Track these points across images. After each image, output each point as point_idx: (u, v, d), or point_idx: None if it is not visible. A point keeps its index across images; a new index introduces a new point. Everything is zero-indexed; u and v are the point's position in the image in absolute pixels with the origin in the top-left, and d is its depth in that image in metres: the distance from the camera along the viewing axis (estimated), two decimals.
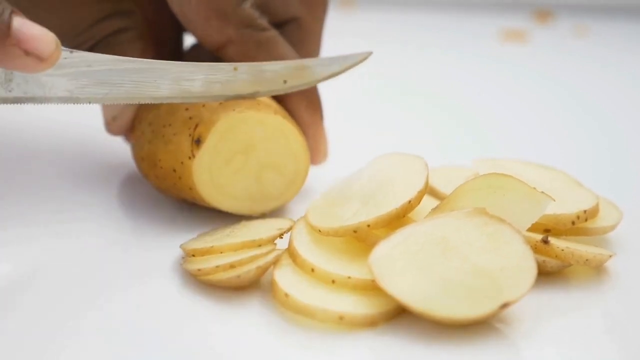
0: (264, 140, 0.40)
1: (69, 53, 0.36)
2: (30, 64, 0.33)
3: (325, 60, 0.41)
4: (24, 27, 0.33)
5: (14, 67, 0.33)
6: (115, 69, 0.37)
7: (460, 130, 0.65)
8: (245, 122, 0.39)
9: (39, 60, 0.33)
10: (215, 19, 0.40)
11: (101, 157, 0.51)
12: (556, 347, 0.31)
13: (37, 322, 0.32)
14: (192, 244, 0.36)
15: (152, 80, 0.38)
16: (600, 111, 0.72)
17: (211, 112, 0.39)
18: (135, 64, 0.38)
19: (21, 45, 0.33)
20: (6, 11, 0.33)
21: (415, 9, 1.31)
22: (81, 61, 0.36)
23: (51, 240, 0.39)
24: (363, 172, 0.41)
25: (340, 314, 0.31)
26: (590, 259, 0.35)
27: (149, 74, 0.38)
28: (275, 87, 0.40)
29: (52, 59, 0.33)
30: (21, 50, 0.33)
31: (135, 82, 0.38)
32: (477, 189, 0.36)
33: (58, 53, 0.34)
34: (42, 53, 0.33)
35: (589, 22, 1.22)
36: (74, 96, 0.37)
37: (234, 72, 0.39)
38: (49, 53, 0.33)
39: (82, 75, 0.36)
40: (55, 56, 0.34)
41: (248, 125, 0.40)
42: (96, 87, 0.37)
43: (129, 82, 0.38)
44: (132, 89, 0.38)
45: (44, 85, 0.36)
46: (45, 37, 0.33)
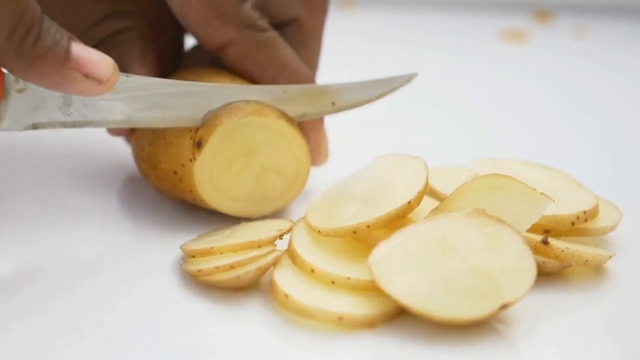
0: (266, 144, 0.40)
1: (125, 77, 0.37)
2: (90, 88, 0.34)
3: (371, 82, 0.43)
4: (84, 51, 0.34)
5: (74, 91, 0.34)
6: (169, 93, 0.38)
7: (460, 130, 0.65)
8: (248, 127, 0.39)
9: (98, 83, 0.34)
10: (215, 20, 0.40)
11: (102, 158, 0.51)
12: (556, 348, 0.31)
13: (37, 323, 0.32)
14: (192, 244, 0.36)
15: (206, 103, 0.39)
16: (600, 111, 0.72)
17: (213, 116, 0.39)
18: (189, 87, 0.39)
19: (81, 69, 0.34)
20: (65, 37, 0.34)
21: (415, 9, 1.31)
22: (136, 85, 0.38)
23: (51, 240, 0.39)
24: (363, 172, 0.41)
25: (339, 315, 0.31)
26: (590, 260, 0.35)
27: (202, 97, 0.39)
28: (324, 109, 0.42)
29: (110, 82, 0.34)
30: (81, 74, 0.34)
31: (189, 105, 0.39)
32: (477, 190, 0.36)
33: (116, 76, 0.35)
34: (101, 76, 0.34)
35: (589, 22, 1.22)
36: (130, 120, 0.38)
37: (283, 94, 0.41)
38: (107, 76, 0.34)
39: (137, 99, 0.38)
40: (114, 79, 0.35)
41: (250, 130, 0.40)
42: (151, 110, 0.38)
43: (183, 105, 0.39)
44: (186, 113, 0.39)
45: (101, 109, 0.37)
46: (104, 61, 0.34)
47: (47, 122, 0.36)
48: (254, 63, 0.42)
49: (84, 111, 0.37)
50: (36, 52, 0.33)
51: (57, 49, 0.33)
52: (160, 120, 0.39)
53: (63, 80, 0.34)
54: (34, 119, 0.36)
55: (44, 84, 0.34)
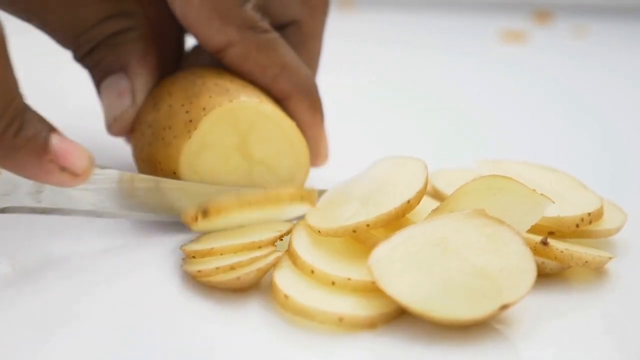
0: (264, 139, 0.40)
1: (101, 170, 0.37)
2: (65, 180, 0.34)
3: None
4: (62, 143, 0.34)
5: (49, 182, 0.34)
6: (141, 187, 0.39)
7: (460, 131, 0.65)
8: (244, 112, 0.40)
9: (73, 176, 0.34)
10: (216, 21, 0.41)
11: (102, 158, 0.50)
12: (556, 349, 0.31)
13: (37, 323, 0.32)
14: (193, 245, 0.36)
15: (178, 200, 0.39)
16: (601, 112, 0.72)
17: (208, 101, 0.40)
18: (160, 183, 0.39)
19: (58, 161, 0.34)
20: (45, 129, 0.34)
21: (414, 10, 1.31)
22: (106, 178, 0.38)
23: (51, 240, 0.39)
24: (363, 174, 0.41)
25: (340, 316, 0.31)
26: (590, 261, 0.35)
27: (172, 193, 0.39)
28: None
29: (85, 175, 0.34)
30: (57, 166, 0.34)
31: (161, 201, 0.39)
32: (477, 191, 0.36)
33: (91, 169, 0.35)
34: (77, 169, 0.34)
35: (589, 23, 1.22)
36: (97, 210, 0.38)
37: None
38: (83, 169, 0.34)
39: (109, 191, 0.38)
40: (88, 172, 0.35)
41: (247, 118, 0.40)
42: (118, 204, 0.39)
43: (153, 202, 0.39)
44: (157, 207, 0.39)
45: (71, 198, 0.37)
46: (81, 153, 0.34)
47: (16, 207, 0.36)
48: (255, 64, 0.42)
49: (54, 199, 0.37)
50: (17, 142, 0.33)
51: (37, 140, 0.33)
52: (127, 214, 0.39)
53: (39, 171, 0.34)
54: (4, 203, 0.36)
55: (21, 174, 0.34)
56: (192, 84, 0.41)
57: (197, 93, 0.40)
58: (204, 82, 0.41)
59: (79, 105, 0.59)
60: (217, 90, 0.40)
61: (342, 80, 0.42)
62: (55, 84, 0.68)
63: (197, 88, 0.41)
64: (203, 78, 0.42)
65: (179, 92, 0.41)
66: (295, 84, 0.43)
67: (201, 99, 0.40)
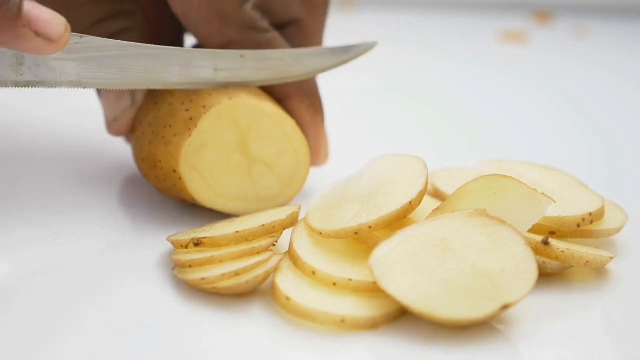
0: (264, 137, 0.40)
1: (79, 38, 0.37)
2: (41, 46, 0.34)
3: (329, 49, 0.43)
4: (35, 9, 0.34)
5: (25, 49, 0.34)
6: (124, 55, 0.38)
7: (461, 131, 0.65)
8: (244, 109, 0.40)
9: (49, 42, 0.34)
10: (216, 20, 0.41)
11: (102, 158, 0.51)
12: (556, 349, 0.31)
13: (37, 324, 0.32)
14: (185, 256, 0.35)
15: (161, 66, 0.39)
16: (601, 112, 0.73)
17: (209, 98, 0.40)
18: (144, 49, 0.38)
19: (32, 26, 0.33)
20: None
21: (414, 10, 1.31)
22: (91, 46, 0.37)
23: (51, 241, 0.39)
24: (362, 173, 0.41)
25: (341, 317, 0.31)
26: (591, 261, 0.35)
27: (158, 60, 0.39)
28: (281, 75, 0.42)
29: (62, 41, 0.34)
30: (32, 32, 0.33)
31: (144, 68, 0.39)
32: (478, 191, 0.36)
33: (67, 36, 0.35)
34: (52, 35, 0.34)
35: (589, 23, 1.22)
36: (83, 80, 0.38)
37: (241, 59, 0.40)
38: (58, 35, 0.34)
39: (91, 60, 0.37)
40: (65, 38, 0.34)
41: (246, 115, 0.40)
42: (105, 72, 0.38)
43: (138, 68, 0.38)
44: (140, 75, 0.39)
45: (54, 69, 0.37)
46: (55, 19, 0.34)
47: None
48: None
49: (37, 71, 0.36)
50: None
51: (9, 5, 0.33)
52: (113, 82, 0.38)
53: (13, 37, 0.34)
54: None
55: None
56: None
57: (197, 91, 0.40)
58: None
59: (79, 105, 0.59)
60: (218, 88, 0.40)
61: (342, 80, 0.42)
62: None
63: None
64: None
65: (179, 91, 0.41)
66: (295, 84, 0.43)
67: (201, 97, 0.40)
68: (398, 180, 0.38)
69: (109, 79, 0.38)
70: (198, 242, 0.35)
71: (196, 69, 0.40)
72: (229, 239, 0.35)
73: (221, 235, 0.35)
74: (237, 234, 0.35)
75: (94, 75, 0.38)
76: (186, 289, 0.34)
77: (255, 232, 0.35)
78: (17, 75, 0.36)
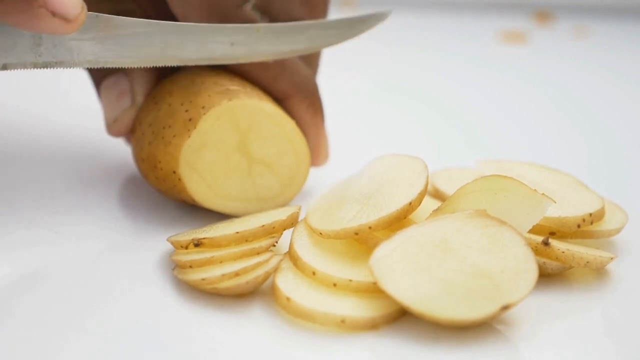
0: (263, 139, 0.40)
1: (95, 17, 0.37)
2: (57, 26, 0.34)
3: (343, 20, 0.43)
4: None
5: (41, 29, 0.34)
6: (140, 32, 0.38)
7: (461, 131, 0.65)
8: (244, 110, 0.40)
9: (65, 21, 0.34)
10: (215, 21, 0.40)
11: (102, 159, 0.51)
12: (556, 350, 0.31)
13: (37, 325, 0.32)
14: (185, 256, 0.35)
15: (177, 43, 0.39)
16: (602, 112, 0.72)
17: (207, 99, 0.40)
18: (160, 27, 0.38)
19: (48, 6, 0.33)
20: None
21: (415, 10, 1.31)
22: (107, 25, 0.37)
23: (51, 241, 0.39)
24: (362, 173, 0.41)
25: (342, 317, 0.31)
26: (591, 261, 0.35)
27: (174, 36, 0.39)
28: (298, 47, 0.42)
29: (78, 21, 0.34)
30: (48, 12, 0.33)
31: (160, 45, 0.39)
32: (478, 191, 0.36)
33: (84, 15, 0.35)
34: (69, 14, 0.34)
35: (589, 23, 1.22)
36: (100, 60, 0.38)
37: (256, 33, 0.40)
38: (75, 15, 0.34)
39: (107, 38, 0.37)
40: (81, 18, 0.34)
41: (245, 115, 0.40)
42: (122, 50, 0.38)
43: (154, 45, 0.38)
44: (157, 52, 0.39)
45: (71, 49, 0.37)
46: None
47: (16, 63, 0.36)
48: (255, 64, 0.42)
49: (54, 51, 0.37)
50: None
51: None
52: (131, 60, 0.38)
53: (29, 17, 0.34)
54: (3, 59, 0.36)
55: (11, 22, 0.34)
56: (192, 83, 0.41)
57: (196, 92, 0.40)
58: (203, 82, 0.41)
59: (79, 105, 0.59)
60: (217, 89, 0.40)
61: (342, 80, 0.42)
62: (55, 84, 0.68)
63: (197, 87, 0.41)
64: (202, 77, 0.42)
65: (179, 92, 0.41)
66: (295, 84, 0.43)
67: (200, 98, 0.40)
68: (398, 180, 0.38)
69: (125, 57, 0.38)
70: (198, 242, 0.35)
71: (212, 44, 0.40)
72: (229, 240, 0.35)
73: (221, 236, 0.35)
74: (237, 235, 0.35)
75: (111, 54, 0.38)
76: (186, 290, 0.34)
77: (255, 233, 0.35)
78: (36, 56, 0.36)
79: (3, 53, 0.35)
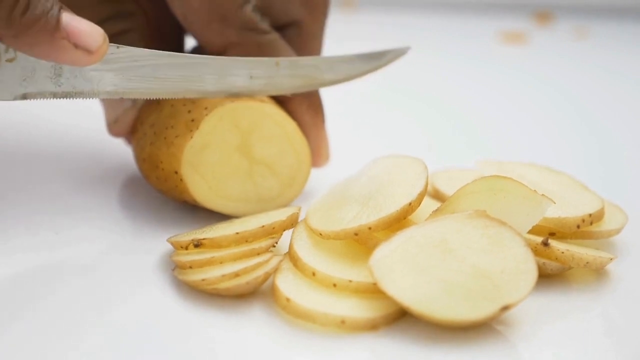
0: (265, 140, 0.40)
1: (116, 48, 0.37)
2: (79, 58, 0.34)
3: (362, 55, 0.43)
4: (73, 21, 0.34)
5: (63, 61, 0.34)
6: (160, 64, 0.38)
7: (461, 132, 0.65)
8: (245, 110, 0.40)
9: (87, 53, 0.34)
10: (216, 22, 0.41)
11: (102, 159, 0.51)
12: (556, 350, 0.32)
13: (37, 325, 0.32)
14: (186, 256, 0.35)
15: (197, 75, 0.39)
16: (602, 113, 0.72)
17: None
18: (180, 59, 0.39)
19: (70, 38, 0.34)
20: (55, 6, 0.34)
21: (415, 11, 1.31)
22: (127, 56, 0.37)
23: (52, 241, 0.39)
24: (361, 174, 0.41)
25: (341, 318, 0.31)
26: (591, 262, 0.35)
27: (193, 68, 0.39)
28: (315, 82, 0.42)
29: (100, 53, 0.35)
30: (70, 44, 0.34)
31: (180, 77, 0.39)
32: (478, 192, 0.36)
33: (105, 47, 0.35)
34: (91, 46, 0.34)
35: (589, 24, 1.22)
36: (119, 90, 0.38)
37: (275, 67, 0.40)
38: (97, 46, 0.34)
39: (128, 70, 0.37)
40: (103, 50, 0.35)
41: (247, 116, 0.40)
42: (142, 82, 0.38)
43: (174, 77, 0.39)
44: (177, 84, 0.39)
45: (91, 79, 0.37)
46: (94, 31, 0.34)
47: (36, 92, 0.36)
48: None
49: (74, 82, 0.37)
50: (25, 21, 0.33)
51: (47, 18, 0.33)
52: (150, 92, 0.38)
53: (52, 49, 0.34)
54: (23, 89, 0.36)
55: (34, 54, 0.34)
56: None
57: None
58: None
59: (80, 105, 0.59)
60: None
61: None
62: None
63: None
64: None
65: None
66: None
67: (203, 99, 0.40)
68: (398, 181, 0.38)
69: (145, 89, 0.38)
70: (198, 243, 0.35)
71: (231, 77, 0.40)
72: (229, 240, 0.35)
73: (221, 236, 0.35)
74: (237, 235, 0.35)
75: (130, 85, 0.38)
76: (186, 290, 0.34)
77: (255, 233, 0.36)
78: (56, 86, 0.36)
79: (23, 82, 0.36)
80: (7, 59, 0.35)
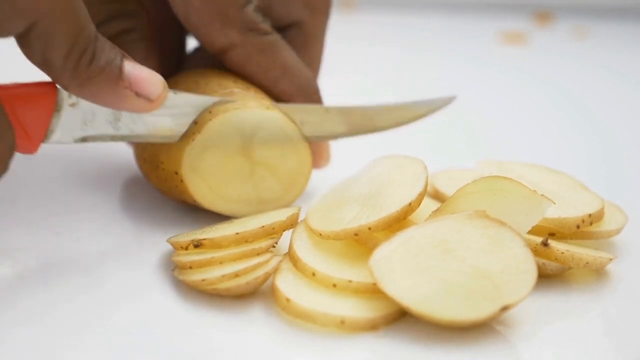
0: (266, 142, 0.40)
1: (173, 94, 0.38)
2: (140, 105, 0.35)
3: (410, 103, 0.45)
4: (136, 69, 0.35)
5: (125, 108, 0.35)
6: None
7: (461, 132, 0.65)
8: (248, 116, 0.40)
9: (148, 101, 0.35)
10: (218, 23, 0.41)
11: (103, 159, 0.51)
12: (556, 350, 0.32)
13: (37, 325, 0.32)
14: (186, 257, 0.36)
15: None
16: (601, 113, 0.72)
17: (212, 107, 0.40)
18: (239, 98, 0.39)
19: (133, 87, 0.35)
20: (118, 56, 0.34)
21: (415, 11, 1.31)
22: (184, 102, 0.38)
23: (52, 241, 0.39)
24: (361, 174, 0.41)
25: (341, 318, 0.31)
26: (590, 262, 0.35)
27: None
28: (364, 130, 0.43)
29: (160, 100, 0.36)
30: (132, 92, 0.35)
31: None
32: (478, 192, 0.36)
33: (165, 94, 0.36)
34: (152, 94, 0.35)
35: (589, 24, 1.22)
36: (175, 134, 0.39)
37: (325, 113, 0.42)
38: (157, 94, 0.35)
39: (185, 115, 0.39)
40: (163, 97, 0.36)
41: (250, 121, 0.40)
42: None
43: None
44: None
45: (148, 124, 0.38)
46: (154, 79, 0.35)
47: (96, 136, 0.37)
48: (256, 66, 0.42)
49: (132, 126, 0.37)
50: (91, 71, 0.33)
51: (111, 68, 0.34)
52: None
53: (115, 98, 0.35)
54: (83, 132, 0.36)
55: (98, 102, 0.35)
56: (196, 84, 0.41)
57: (201, 94, 0.40)
58: (207, 83, 0.41)
59: None
60: (221, 91, 0.40)
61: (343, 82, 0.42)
62: None
63: (201, 89, 0.41)
64: (206, 79, 0.42)
65: None
66: (296, 86, 0.43)
67: None
68: (398, 181, 0.38)
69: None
70: (198, 243, 0.35)
71: None
72: (229, 240, 0.35)
73: (221, 237, 0.35)
74: (237, 235, 0.35)
75: (185, 129, 0.39)
76: (186, 290, 0.34)
77: (255, 234, 0.36)
78: (114, 130, 0.37)
79: (83, 127, 0.36)
80: (70, 104, 0.36)
